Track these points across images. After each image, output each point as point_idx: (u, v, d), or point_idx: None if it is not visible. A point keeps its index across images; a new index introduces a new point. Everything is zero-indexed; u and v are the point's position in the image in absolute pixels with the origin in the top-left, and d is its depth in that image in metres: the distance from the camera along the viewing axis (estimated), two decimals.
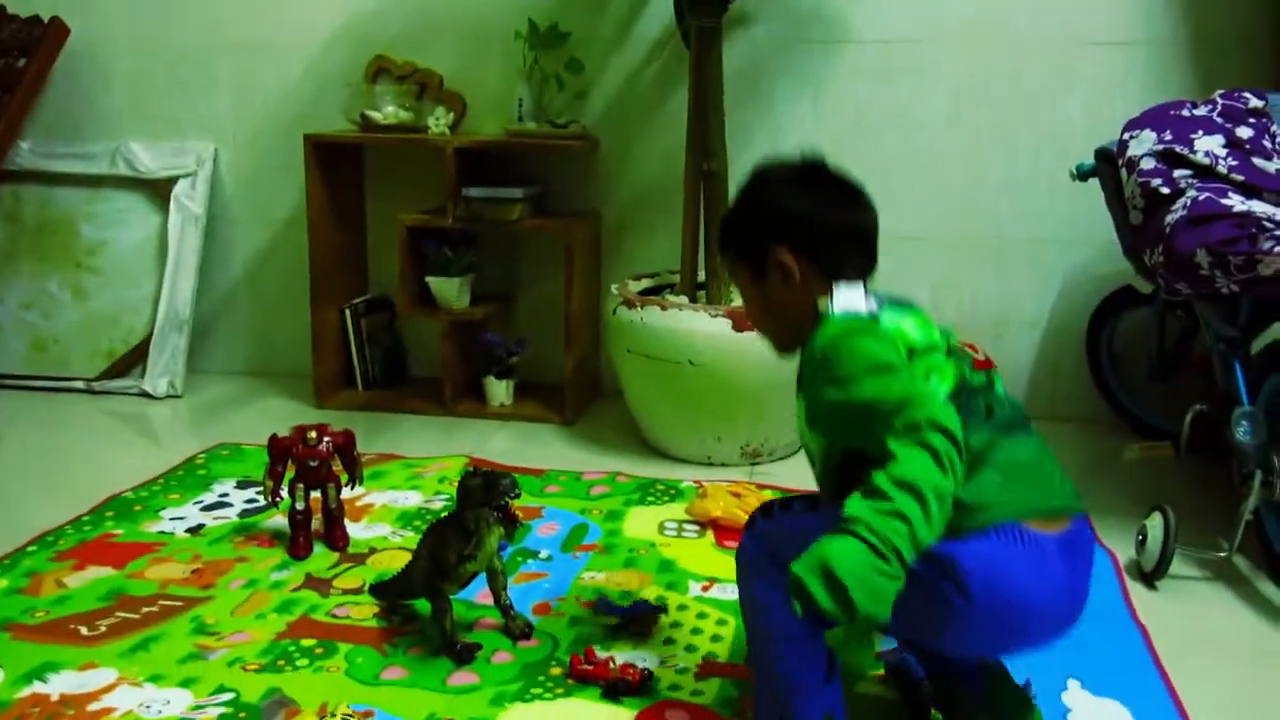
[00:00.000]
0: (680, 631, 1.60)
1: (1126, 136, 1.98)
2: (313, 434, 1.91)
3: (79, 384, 2.90)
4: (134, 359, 2.91)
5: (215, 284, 3.03)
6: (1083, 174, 2.19)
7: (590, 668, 1.43)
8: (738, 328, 2.23)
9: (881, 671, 1.48)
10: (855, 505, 1.03)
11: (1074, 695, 1.47)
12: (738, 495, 2.10)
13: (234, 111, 2.95)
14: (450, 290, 2.65)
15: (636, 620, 1.60)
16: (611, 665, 1.43)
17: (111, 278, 2.95)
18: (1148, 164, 1.89)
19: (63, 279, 2.96)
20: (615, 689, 1.40)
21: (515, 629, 1.57)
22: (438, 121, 2.69)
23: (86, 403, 2.83)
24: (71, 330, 2.95)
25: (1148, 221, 1.89)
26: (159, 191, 2.94)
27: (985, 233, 2.72)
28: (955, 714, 1.35)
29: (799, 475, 2.34)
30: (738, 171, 2.58)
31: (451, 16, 2.79)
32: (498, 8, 2.74)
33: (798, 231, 1.25)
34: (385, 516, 2.04)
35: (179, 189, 2.90)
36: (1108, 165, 2.06)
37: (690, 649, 1.55)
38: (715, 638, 1.59)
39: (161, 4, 2.92)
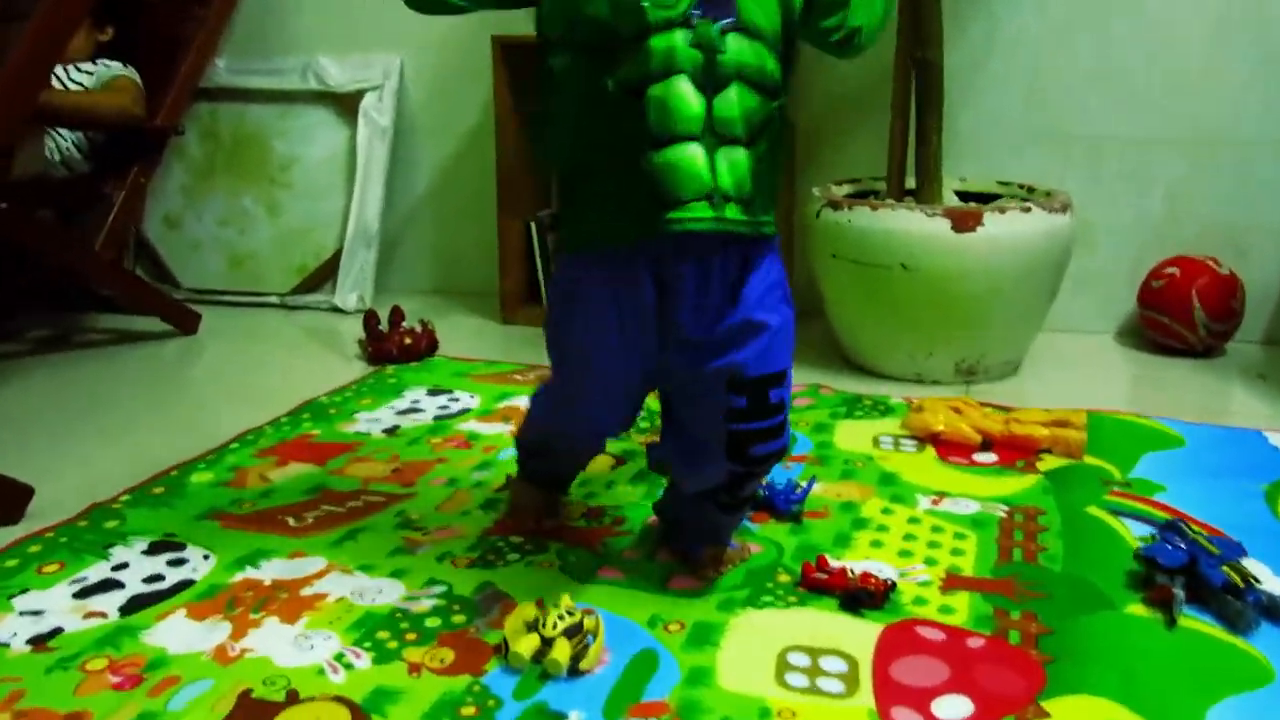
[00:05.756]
0: (916, 544, 1.45)
1: None
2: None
3: (273, 299, 2.94)
4: (324, 274, 2.93)
5: (402, 197, 3.01)
6: None
7: (825, 576, 1.30)
8: (957, 228, 2.03)
9: None
10: None
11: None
12: (958, 410, 1.93)
13: (420, 21, 2.88)
14: None
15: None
16: (850, 574, 1.29)
17: (303, 193, 2.96)
18: None
19: (257, 195, 2.99)
20: (856, 599, 1.26)
21: None
22: None
23: (280, 317, 2.86)
24: (266, 246, 2.98)
25: None
26: (347, 106, 2.92)
27: (1229, 133, 2.41)
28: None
29: (1019, 394, 2.14)
30: (951, 65, 2.37)
31: None
32: None
33: None
34: None
35: (367, 102, 2.88)
36: None
37: (930, 562, 1.40)
38: (956, 551, 1.43)
39: None
